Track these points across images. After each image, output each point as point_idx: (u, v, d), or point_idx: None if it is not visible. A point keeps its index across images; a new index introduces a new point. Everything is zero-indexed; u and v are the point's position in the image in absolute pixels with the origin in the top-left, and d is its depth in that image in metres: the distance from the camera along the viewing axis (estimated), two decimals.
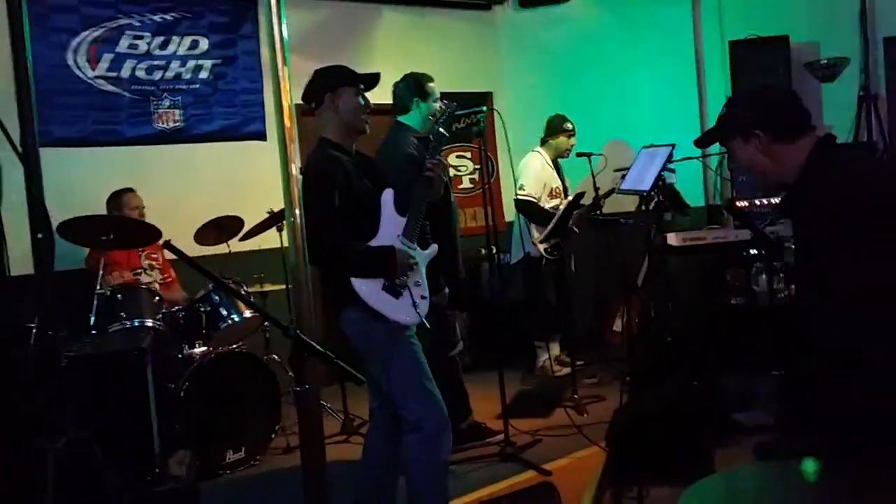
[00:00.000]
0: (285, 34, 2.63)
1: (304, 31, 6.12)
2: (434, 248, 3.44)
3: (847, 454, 2.03)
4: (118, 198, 5.13)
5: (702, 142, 2.68)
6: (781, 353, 4.59)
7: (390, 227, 3.29)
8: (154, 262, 5.22)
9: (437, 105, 4.31)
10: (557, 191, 6.08)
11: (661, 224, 5.68)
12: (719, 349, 5.49)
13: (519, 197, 5.89)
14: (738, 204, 5.82)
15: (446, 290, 3.80)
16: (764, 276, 4.72)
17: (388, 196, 3.32)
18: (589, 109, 6.69)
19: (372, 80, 3.43)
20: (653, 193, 5.16)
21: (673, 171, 6.10)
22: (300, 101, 3.40)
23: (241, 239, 5.28)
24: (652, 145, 5.30)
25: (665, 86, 7.02)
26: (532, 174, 5.97)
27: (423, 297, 3.31)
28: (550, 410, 5.25)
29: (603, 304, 6.74)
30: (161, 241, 3.36)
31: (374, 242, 3.25)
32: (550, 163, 6.10)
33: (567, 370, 5.76)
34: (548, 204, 5.96)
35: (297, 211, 2.61)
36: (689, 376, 4.84)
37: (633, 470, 3.86)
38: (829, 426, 2.10)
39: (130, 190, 5.17)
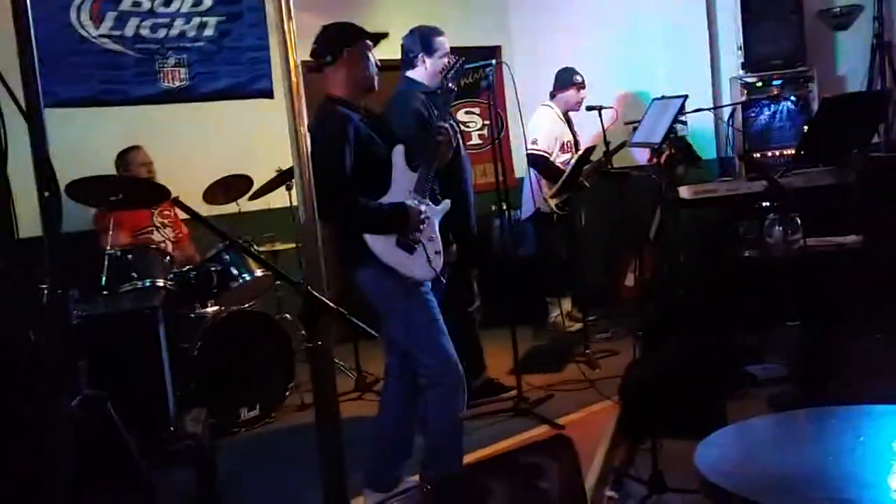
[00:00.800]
0: None
1: None
2: (447, 203, 3.41)
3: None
4: (125, 156, 5.13)
5: None
6: (798, 304, 4.57)
7: (402, 184, 3.26)
8: (166, 220, 5.21)
9: (445, 60, 4.25)
10: (569, 145, 6.02)
11: (673, 177, 5.64)
12: (732, 302, 5.48)
13: (530, 151, 5.83)
14: (752, 155, 5.77)
15: (454, 246, 3.77)
16: (778, 227, 4.67)
17: (398, 152, 3.29)
18: (599, 62, 6.60)
19: (379, 38, 3.37)
20: (664, 146, 5.10)
21: (685, 123, 6.04)
22: (306, 59, 3.37)
23: (251, 198, 5.25)
24: (663, 97, 5.23)
25: (677, 37, 6.91)
26: (543, 128, 5.91)
27: (436, 253, 3.30)
28: (563, 366, 5.26)
29: (614, 258, 6.71)
30: (172, 199, 3.34)
31: (386, 199, 3.23)
32: (561, 116, 6.02)
33: (579, 325, 5.76)
34: (559, 158, 5.91)
35: (306, 169, 2.58)
36: (702, 330, 4.84)
37: (646, 423, 3.87)
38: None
39: (137, 147, 5.16)
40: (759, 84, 6.20)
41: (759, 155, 6.12)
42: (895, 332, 3.12)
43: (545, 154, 5.85)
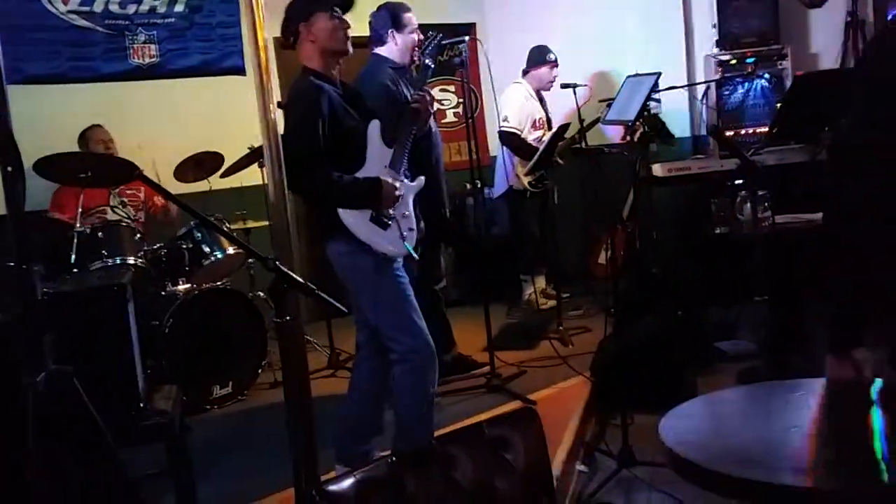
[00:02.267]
0: None
1: None
2: (421, 180, 3.40)
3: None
4: (85, 133, 5.12)
5: None
6: (769, 279, 4.61)
7: (377, 159, 3.25)
8: (128, 199, 5.16)
9: (414, 36, 4.23)
10: (541, 122, 6.01)
11: (647, 155, 5.65)
12: (703, 279, 5.52)
13: (502, 129, 5.82)
14: (724, 132, 5.79)
15: (421, 223, 3.77)
16: (748, 204, 4.71)
17: (374, 127, 3.27)
18: (573, 40, 6.58)
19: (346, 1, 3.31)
20: (638, 123, 5.11)
21: (658, 100, 6.04)
22: (278, 35, 3.33)
23: (222, 176, 5.21)
24: (637, 74, 5.23)
25: (651, 14, 6.90)
26: (515, 105, 5.89)
27: (410, 229, 3.29)
28: (536, 342, 5.28)
29: (588, 236, 6.73)
30: (136, 173, 3.31)
31: (360, 174, 3.21)
32: (533, 94, 6.01)
33: (552, 302, 5.79)
34: (532, 135, 5.90)
35: (276, 146, 2.57)
36: (673, 307, 4.88)
37: (618, 398, 3.90)
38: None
39: (97, 125, 5.14)
40: (733, 62, 6.20)
41: (732, 133, 6.14)
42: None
43: (516, 131, 5.84)
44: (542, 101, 6.09)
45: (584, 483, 3.64)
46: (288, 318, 2.23)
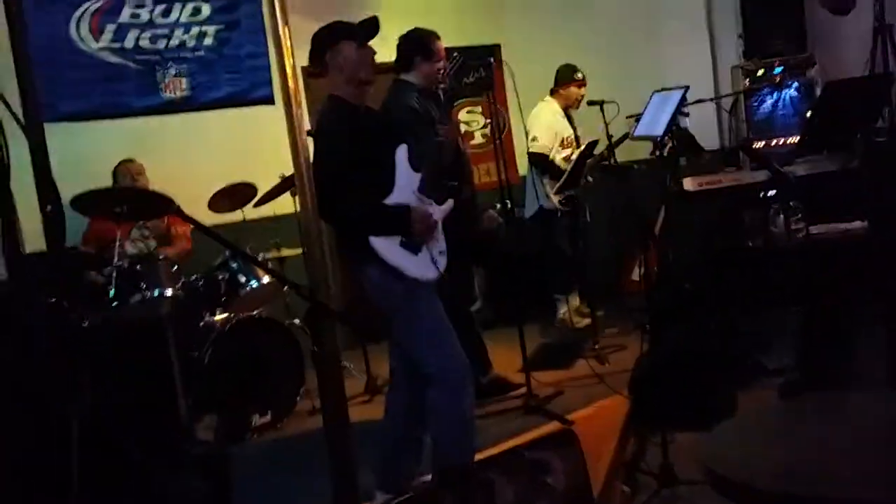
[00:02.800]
0: None
1: None
2: (450, 203, 3.41)
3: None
4: (118, 168, 5.17)
5: None
6: (805, 290, 4.56)
7: (406, 184, 3.25)
8: (150, 231, 5.18)
9: (441, 63, 4.25)
10: (569, 140, 6.02)
11: (677, 169, 5.62)
12: (738, 293, 5.46)
13: (532, 149, 5.83)
14: (754, 145, 5.75)
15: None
16: (781, 216, 4.66)
17: (402, 152, 3.28)
18: (598, 56, 6.60)
19: (369, 27, 3.32)
20: (667, 138, 5.09)
21: (687, 114, 6.01)
22: (306, 64, 3.37)
23: (256, 205, 5.27)
24: (664, 89, 5.21)
25: (676, 27, 6.90)
26: (544, 125, 5.90)
27: (441, 253, 3.29)
28: (572, 362, 5.26)
29: (620, 253, 6.70)
30: (171, 208, 3.35)
31: (390, 199, 3.21)
32: (562, 112, 6.02)
33: (587, 321, 5.76)
34: (560, 154, 5.90)
35: (307, 174, 2.59)
36: (709, 321, 4.83)
37: (657, 416, 3.86)
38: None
39: (129, 160, 5.22)
40: (761, 72, 6.17)
41: (763, 143, 6.10)
42: None
43: (546, 152, 5.84)
44: (569, 119, 6.09)
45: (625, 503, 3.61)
46: (324, 345, 2.25)
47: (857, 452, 1.73)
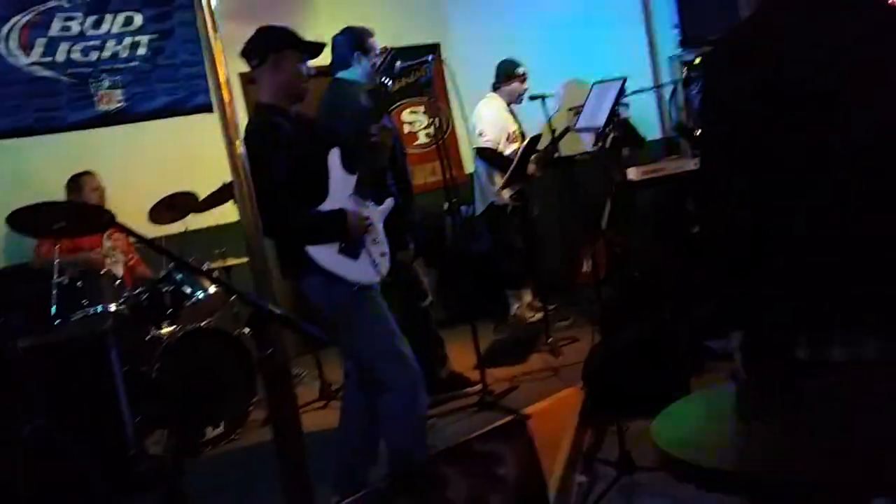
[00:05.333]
0: (214, 3, 2.53)
1: None
2: (390, 202, 3.38)
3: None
4: (77, 181, 5.06)
5: None
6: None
7: (341, 188, 3.21)
8: (117, 244, 5.12)
9: (378, 60, 4.22)
10: (515, 135, 6.01)
11: (620, 160, 5.67)
12: (685, 279, 5.52)
13: (480, 144, 5.82)
14: (694, 132, 5.81)
15: (412, 245, 3.75)
16: None
17: (334, 156, 3.23)
18: (538, 50, 6.62)
19: (316, 49, 3.34)
20: (608, 129, 5.12)
21: (627, 105, 6.08)
22: (243, 70, 3.32)
23: (197, 214, 5.17)
24: (603, 81, 5.25)
25: (613, 19, 6.96)
26: (489, 120, 5.88)
27: (382, 254, 3.25)
28: (526, 356, 5.27)
29: (570, 245, 6.74)
30: (111, 221, 3.26)
31: (325, 205, 3.17)
32: (506, 107, 6.02)
33: (540, 315, 5.78)
34: (508, 149, 5.90)
35: (244, 181, 2.55)
36: (660, 309, 4.87)
37: (612, 406, 3.88)
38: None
39: (89, 173, 5.11)
40: (697, 60, 6.24)
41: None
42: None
43: (493, 145, 5.84)
44: (512, 113, 6.10)
45: (585, 494, 3.61)
46: (270, 350, 2.20)
47: (813, 433, 1.73)
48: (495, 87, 6.05)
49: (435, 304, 5.18)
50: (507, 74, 6.00)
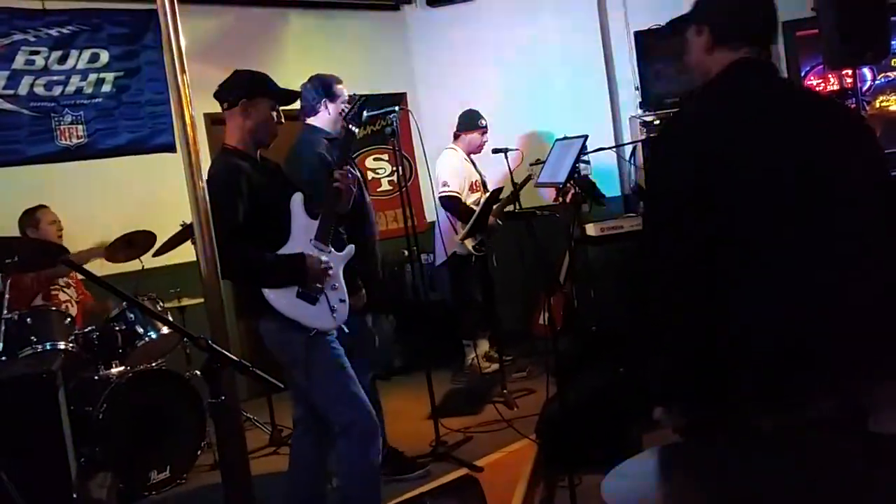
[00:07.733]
0: (182, 44, 2.54)
1: (208, 38, 5.98)
2: (350, 248, 3.38)
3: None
4: (32, 215, 4.98)
5: (671, 25, 2.45)
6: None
7: (302, 232, 3.21)
8: (71, 280, 5.06)
9: (345, 106, 4.25)
10: (477, 184, 6.06)
11: (579, 215, 5.74)
12: (642, 334, 5.56)
13: (442, 193, 5.85)
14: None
15: (363, 291, 3.74)
16: None
17: (297, 200, 3.24)
18: (502, 104, 6.72)
19: (289, 97, 3.39)
20: (569, 185, 5.20)
21: (588, 162, 6.18)
22: (209, 111, 3.32)
23: (155, 254, 5.13)
24: (565, 137, 5.34)
25: (576, 77, 7.10)
26: (451, 170, 5.92)
27: (341, 301, 3.25)
28: (481, 407, 5.25)
29: (528, 297, 6.77)
30: (61, 258, 3.23)
31: (285, 249, 3.16)
32: (466, 157, 6.07)
33: (496, 366, 5.77)
34: (469, 198, 5.94)
35: (206, 223, 2.54)
36: (615, 363, 4.90)
37: (565, 459, 3.88)
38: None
39: (44, 206, 5.03)
40: (657, 122, 6.38)
41: None
42: None
43: (457, 195, 5.87)
44: (473, 164, 6.15)
45: None
46: (223, 397, 2.18)
47: (765, 489, 1.75)
48: (456, 137, 6.10)
49: (391, 354, 5.20)
50: (468, 125, 6.05)
